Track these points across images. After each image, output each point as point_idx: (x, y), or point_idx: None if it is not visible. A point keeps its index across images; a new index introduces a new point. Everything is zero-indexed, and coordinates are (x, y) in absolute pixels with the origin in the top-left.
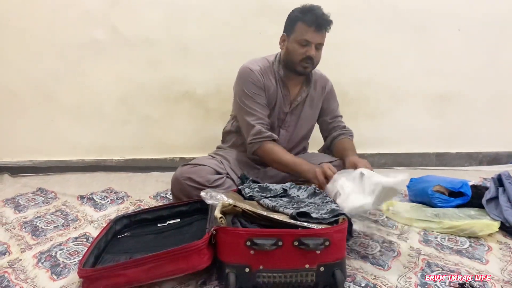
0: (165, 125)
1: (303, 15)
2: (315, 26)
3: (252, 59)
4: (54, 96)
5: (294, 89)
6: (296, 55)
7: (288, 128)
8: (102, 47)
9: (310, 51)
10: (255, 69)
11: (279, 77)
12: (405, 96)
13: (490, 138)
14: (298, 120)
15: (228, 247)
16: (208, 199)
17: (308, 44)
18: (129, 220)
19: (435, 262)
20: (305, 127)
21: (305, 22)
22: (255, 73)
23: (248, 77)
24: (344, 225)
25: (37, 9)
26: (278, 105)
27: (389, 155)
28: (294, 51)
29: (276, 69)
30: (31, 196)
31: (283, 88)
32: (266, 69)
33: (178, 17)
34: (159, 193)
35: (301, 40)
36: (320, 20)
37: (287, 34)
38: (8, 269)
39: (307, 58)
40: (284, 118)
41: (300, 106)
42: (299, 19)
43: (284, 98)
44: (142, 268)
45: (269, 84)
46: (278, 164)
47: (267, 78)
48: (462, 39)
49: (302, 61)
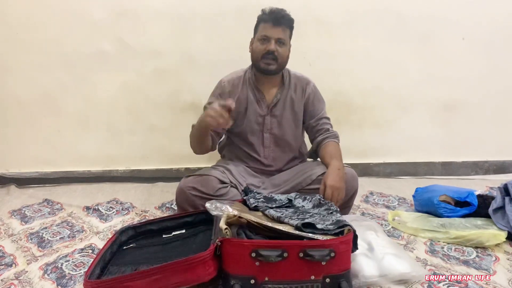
0: (171, 136)
1: (262, 16)
2: (272, 22)
3: (233, 71)
4: (61, 107)
5: (269, 92)
6: (257, 52)
7: (271, 131)
8: (109, 58)
9: (269, 46)
10: (224, 80)
11: (252, 82)
12: (411, 105)
13: (497, 146)
14: (280, 123)
15: (233, 258)
16: (213, 210)
17: (267, 39)
18: (135, 231)
19: (442, 272)
20: (290, 129)
21: (264, 20)
22: (221, 83)
23: (216, 86)
24: (349, 236)
25: (45, 21)
26: (252, 109)
27: (395, 164)
28: (256, 49)
29: (250, 75)
30: (37, 207)
31: (257, 92)
32: (238, 78)
33: (184, 28)
34: (165, 204)
35: (261, 37)
36: (277, 15)
37: (253, 37)
38: (15, 281)
39: (268, 53)
40: (263, 122)
41: (279, 108)
42: (260, 21)
43: (259, 102)
44: (148, 280)
45: (237, 92)
46: (191, 138)
47: (236, 87)
48: (466, 47)
49: (264, 57)
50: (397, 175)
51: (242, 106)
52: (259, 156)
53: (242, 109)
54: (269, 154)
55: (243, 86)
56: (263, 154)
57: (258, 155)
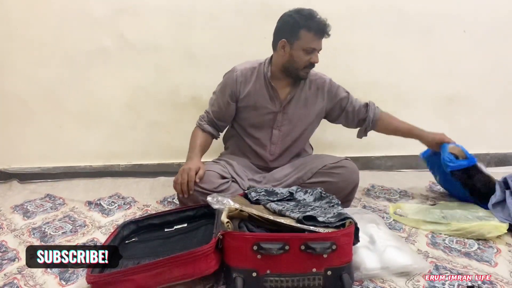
0: (172, 130)
1: (306, 23)
2: (320, 34)
3: (247, 60)
4: (62, 103)
5: (283, 90)
6: (301, 62)
7: (281, 128)
8: (109, 54)
9: (314, 58)
10: (237, 69)
11: (267, 78)
12: (412, 99)
13: (498, 139)
14: (291, 120)
15: (235, 251)
16: (215, 204)
17: (313, 52)
18: (137, 226)
19: (443, 265)
20: (300, 127)
21: (310, 30)
22: (233, 73)
23: (227, 75)
24: (351, 229)
25: (45, 17)
26: (264, 105)
27: (397, 157)
28: (299, 59)
29: (265, 70)
30: (40, 202)
31: (271, 89)
32: (251, 70)
33: (184, 23)
34: (166, 198)
35: (307, 48)
36: (325, 28)
37: (288, 40)
38: (18, 275)
39: (311, 65)
40: (274, 118)
41: (292, 105)
42: (303, 27)
43: (272, 98)
44: (150, 273)
45: (248, 83)
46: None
47: (249, 78)
48: (468, 41)
49: (306, 68)
50: (398, 168)
51: (252, 100)
52: (264, 152)
53: (252, 103)
54: (275, 151)
55: (256, 79)
56: (269, 150)
57: (263, 151)
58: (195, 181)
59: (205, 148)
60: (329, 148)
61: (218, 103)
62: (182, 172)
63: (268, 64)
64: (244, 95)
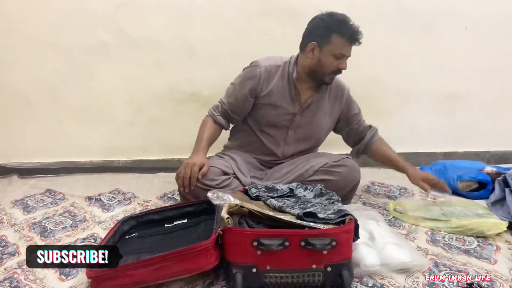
0: (172, 126)
1: (339, 28)
2: (352, 40)
3: (270, 56)
4: (62, 98)
5: (305, 92)
6: (329, 67)
7: (297, 130)
8: (109, 49)
9: (343, 65)
10: (261, 64)
11: (292, 78)
12: (413, 95)
13: (498, 137)
14: (308, 123)
15: (235, 247)
16: (215, 199)
17: (342, 58)
18: (137, 221)
19: (443, 262)
20: (315, 131)
21: (343, 36)
22: (256, 68)
23: (249, 69)
24: (350, 225)
25: (45, 13)
26: (285, 104)
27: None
28: (328, 63)
29: (291, 70)
30: (40, 197)
31: (294, 90)
32: (276, 68)
33: (184, 19)
34: (166, 194)
35: (337, 54)
36: (358, 36)
37: (318, 44)
38: (18, 270)
39: (338, 71)
40: (292, 119)
41: (311, 109)
42: (335, 31)
43: (293, 99)
44: (150, 269)
45: (271, 81)
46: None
47: (272, 76)
48: (469, 38)
49: (333, 73)
50: None
51: (273, 98)
52: (276, 151)
53: (272, 101)
54: (287, 151)
55: (280, 78)
56: (281, 149)
57: (276, 149)
58: (198, 177)
59: (212, 141)
60: (330, 145)
61: (236, 96)
62: (186, 166)
63: (294, 64)
64: (266, 93)
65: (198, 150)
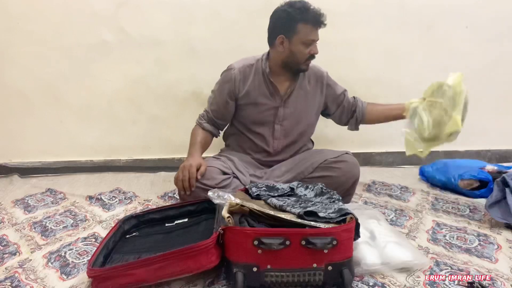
0: (173, 125)
1: (302, 15)
2: (317, 24)
3: (244, 57)
4: (62, 97)
5: (283, 84)
6: (302, 56)
7: (283, 122)
8: (110, 48)
9: (314, 50)
10: (235, 67)
11: (266, 74)
12: (413, 94)
13: (499, 135)
14: (293, 114)
15: (236, 246)
16: (215, 198)
17: (312, 43)
18: (137, 220)
19: (444, 261)
20: (302, 120)
21: (307, 22)
22: (230, 71)
23: (224, 73)
24: (351, 224)
25: (46, 11)
26: (265, 100)
27: (397, 154)
28: (300, 52)
29: (264, 66)
30: (41, 196)
31: (270, 85)
32: (249, 67)
33: (185, 17)
34: (167, 193)
35: (307, 41)
36: (321, 18)
37: (286, 35)
38: (19, 269)
39: (311, 57)
40: (275, 113)
41: (293, 99)
42: (299, 20)
43: (272, 94)
44: (151, 268)
45: (247, 81)
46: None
47: (247, 76)
48: (470, 36)
49: (307, 60)
50: (399, 164)
51: (252, 97)
52: (267, 147)
53: (252, 100)
54: (278, 146)
55: (254, 76)
56: (271, 145)
57: (266, 146)
58: (197, 177)
59: (205, 146)
60: (330, 143)
61: (217, 102)
62: (183, 169)
63: (265, 60)
64: (244, 93)
65: (192, 152)
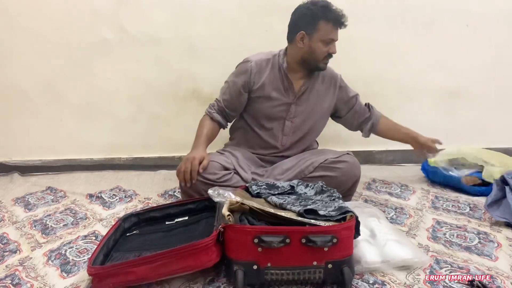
0: (173, 123)
1: (324, 14)
2: (338, 24)
3: (260, 52)
4: (63, 96)
5: (298, 82)
6: (320, 54)
7: (294, 119)
8: (110, 46)
9: (333, 49)
10: (251, 59)
11: (283, 69)
12: (413, 93)
13: (500, 134)
14: (304, 112)
15: (236, 244)
16: (216, 197)
17: (331, 42)
18: (138, 218)
19: (444, 259)
20: (312, 119)
21: (329, 21)
22: (247, 64)
23: (240, 65)
24: (351, 222)
25: (46, 10)
26: (279, 95)
27: (398, 152)
28: (319, 50)
29: (281, 61)
30: (41, 194)
31: (286, 80)
32: (266, 61)
33: (185, 16)
34: (167, 191)
35: (327, 39)
36: (343, 19)
37: (307, 32)
38: (19, 267)
39: (329, 56)
40: (288, 109)
41: (305, 97)
42: (321, 18)
43: (287, 90)
44: (151, 266)
45: (263, 75)
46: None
47: (263, 69)
48: (470, 34)
49: (325, 59)
50: (399, 163)
51: (266, 91)
52: (275, 142)
53: (266, 94)
54: (286, 142)
55: (271, 70)
56: (280, 141)
57: (275, 141)
58: (198, 171)
59: (211, 138)
60: (330, 142)
61: (230, 92)
62: (186, 161)
63: (283, 56)
64: (258, 86)
65: (197, 145)
